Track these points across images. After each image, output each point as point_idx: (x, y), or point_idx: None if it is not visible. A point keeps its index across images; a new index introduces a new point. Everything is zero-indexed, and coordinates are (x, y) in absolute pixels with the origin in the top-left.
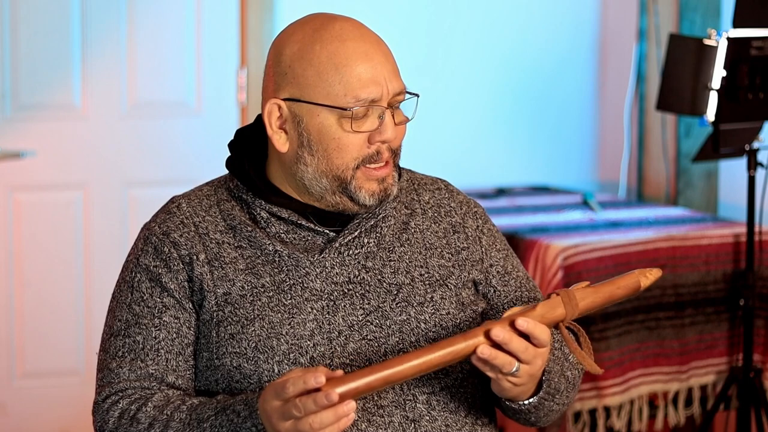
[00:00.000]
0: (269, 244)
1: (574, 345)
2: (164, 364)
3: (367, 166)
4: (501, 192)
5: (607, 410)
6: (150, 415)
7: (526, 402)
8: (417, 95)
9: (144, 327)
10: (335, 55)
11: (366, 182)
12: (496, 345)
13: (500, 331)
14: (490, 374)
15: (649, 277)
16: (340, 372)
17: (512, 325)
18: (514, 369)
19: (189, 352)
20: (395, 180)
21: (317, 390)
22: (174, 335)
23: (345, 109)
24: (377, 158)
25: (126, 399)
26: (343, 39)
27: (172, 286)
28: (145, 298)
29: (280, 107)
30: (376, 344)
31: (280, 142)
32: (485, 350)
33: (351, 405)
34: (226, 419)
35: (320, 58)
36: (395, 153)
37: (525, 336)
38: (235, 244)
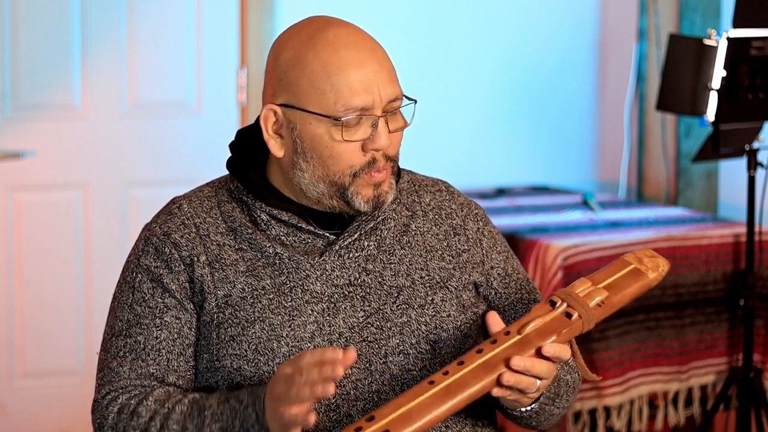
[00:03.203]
0: (269, 247)
1: (581, 360)
2: (165, 364)
3: (366, 172)
4: (501, 192)
5: (607, 410)
6: (151, 409)
7: (528, 408)
8: (414, 101)
9: (145, 327)
10: (327, 64)
11: (363, 188)
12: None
13: (521, 361)
14: (511, 397)
15: (659, 271)
16: (353, 352)
17: (537, 350)
18: (535, 388)
19: (190, 353)
20: (392, 186)
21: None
22: (175, 335)
23: (336, 119)
24: (374, 166)
25: (125, 395)
26: (336, 47)
27: (174, 287)
28: (146, 298)
29: (275, 113)
30: (377, 346)
31: (276, 147)
32: (510, 378)
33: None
34: (228, 407)
35: (313, 67)
36: (393, 160)
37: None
38: (236, 246)
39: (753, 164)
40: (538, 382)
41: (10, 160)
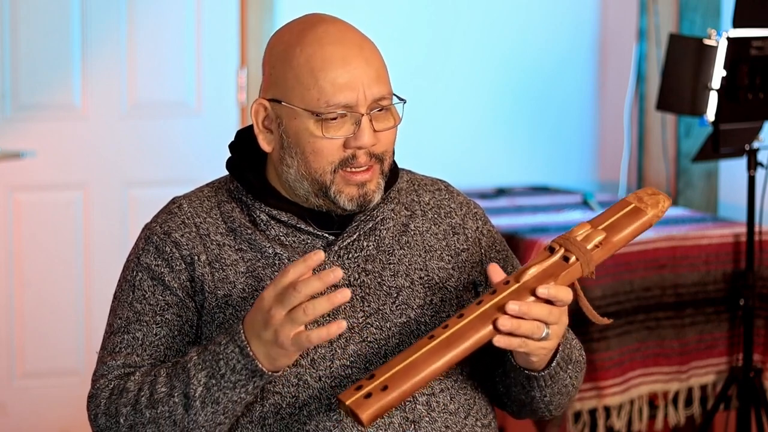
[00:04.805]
0: (269, 247)
1: (586, 302)
2: (161, 360)
3: (346, 169)
4: (501, 192)
5: (607, 410)
6: (138, 381)
7: (544, 372)
8: (404, 100)
9: (145, 324)
10: (312, 59)
11: (345, 186)
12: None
13: (515, 305)
14: (520, 349)
15: (659, 207)
16: (347, 292)
17: (533, 293)
18: (544, 334)
19: (187, 351)
20: (379, 186)
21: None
22: (175, 332)
23: (319, 115)
24: (353, 162)
25: (116, 380)
26: (322, 43)
27: (175, 285)
28: (147, 296)
29: (265, 107)
30: (377, 346)
31: (264, 141)
32: (506, 322)
33: (346, 293)
34: (209, 354)
35: (299, 61)
36: (380, 159)
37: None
38: (236, 247)
39: (753, 164)
40: (546, 328)
41: (10, 160)
